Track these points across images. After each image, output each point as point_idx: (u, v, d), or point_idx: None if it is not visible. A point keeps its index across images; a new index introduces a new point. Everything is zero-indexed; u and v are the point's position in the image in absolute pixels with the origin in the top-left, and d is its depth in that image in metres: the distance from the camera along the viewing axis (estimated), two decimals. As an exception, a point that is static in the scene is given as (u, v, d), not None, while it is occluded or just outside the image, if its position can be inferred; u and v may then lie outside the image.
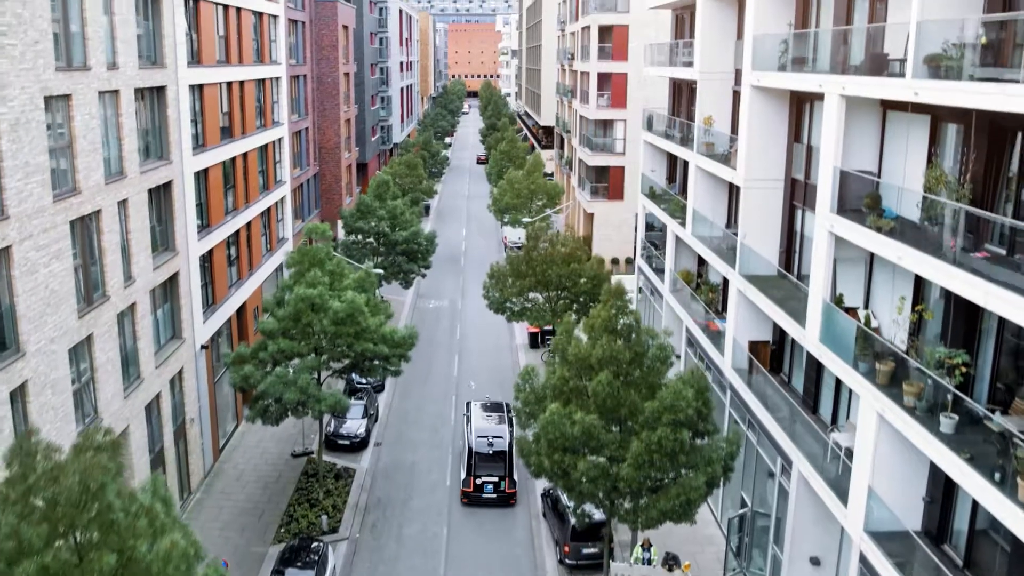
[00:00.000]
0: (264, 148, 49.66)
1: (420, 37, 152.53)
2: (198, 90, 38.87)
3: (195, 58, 38.64)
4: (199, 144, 39.12)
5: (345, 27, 67.40)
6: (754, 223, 32.47)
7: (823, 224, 25.19)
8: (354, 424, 43.03)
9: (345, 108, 67.70)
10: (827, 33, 26.86)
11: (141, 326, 32.41)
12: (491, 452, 39.17)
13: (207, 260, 40.14)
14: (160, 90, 34.49)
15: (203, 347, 39.03)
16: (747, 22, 31.78)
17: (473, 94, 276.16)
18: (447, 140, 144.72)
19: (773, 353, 33.16)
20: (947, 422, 19.44)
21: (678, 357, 44.34)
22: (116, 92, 30.14)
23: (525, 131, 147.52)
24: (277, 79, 52.56)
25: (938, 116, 22.11)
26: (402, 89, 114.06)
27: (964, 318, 20.57)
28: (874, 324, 25.27)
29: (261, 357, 34.71)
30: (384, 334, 35.59)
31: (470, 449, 39.47)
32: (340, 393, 34.81)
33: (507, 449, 39.15)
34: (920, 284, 22.88)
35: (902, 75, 22.01)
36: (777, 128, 31.41)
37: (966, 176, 20.36)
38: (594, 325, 27.11)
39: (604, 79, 68.32)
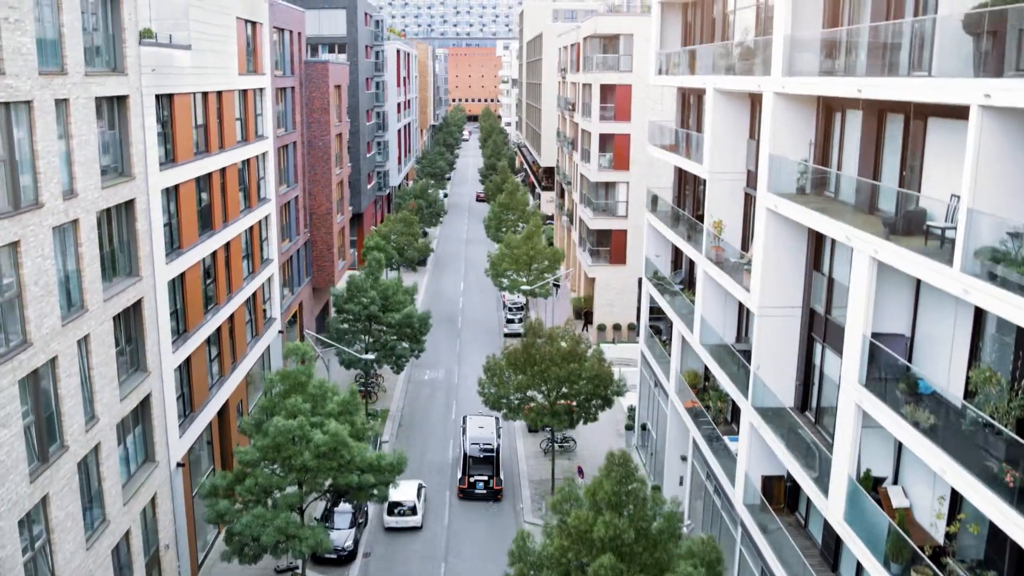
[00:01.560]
0: (250, 229, 47.23)
1: (419, 70, 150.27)
2: (173, 191, 36.45)
3: (169, 157, 36.23)
4: (175, 248, 36.70)
5: (337, 86, 65.01)
6: (768, 352, 30.04)
7: (850, 396, 22.72)
8: (341, 536, 40.42)
9: (338, 170, 65.24)
10: (852, 180, 24.46)
11: (106, 466, 29.92)
12: (482, 456, 46.84)
13: (185, 367, 37.68)
14: (128, 203, 32.04)
15: (179, 464, 36.52)
16: (763, 136, 29.32)
17: (473, 118, 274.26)
18: (447, 176, 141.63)
19: (789, 490, 30.67)
20: (1001, 671, 16.92)
21: (684, 458, 41.91)
22: (75, 222, 27.69)
23: (526, 168, 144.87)
24: (264, 154, 50.14)
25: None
26: (399, 131, 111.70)
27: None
28: (905, 503, 22.77)
29: (238, 491, 32.18)
30: (370, 461, 33.07)
31: (465, 454, 47.27)
32: (321, 531, 32.33)
33: (495, 454, 46.95)
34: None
35: (942, 240, 19.65)
36: (795, 255, 28.98)
37: (1021, 383, 17.84)
38: (595, 493, 24.58)
39: (606, 139, 65.94)
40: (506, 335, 71.60)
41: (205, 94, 40.15)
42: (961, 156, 19.67)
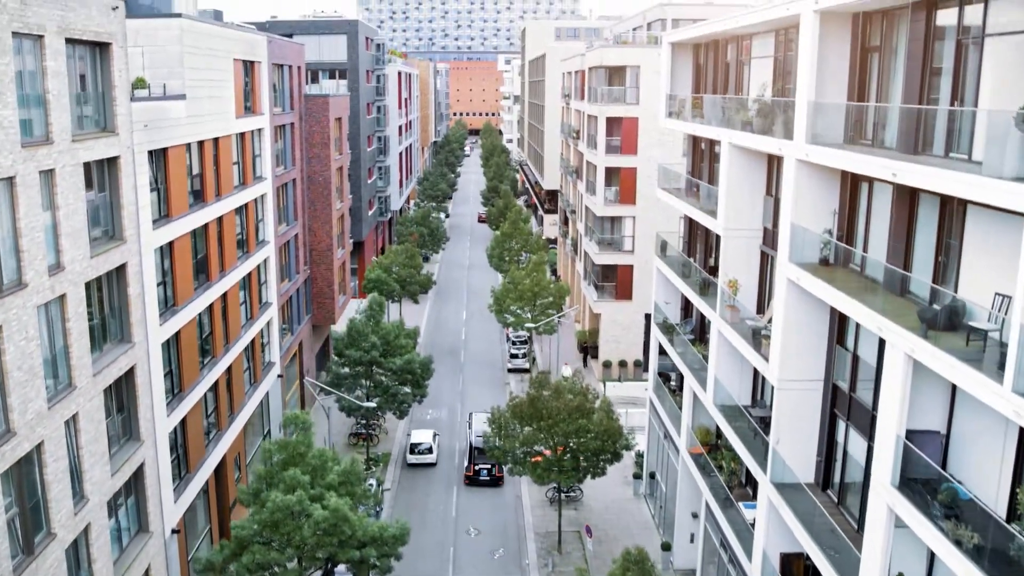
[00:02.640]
0: (248, 275, 45.89)
1: (420, 88, 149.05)
2: (167, 248, 35.13)
3: (163, 212, 34.93)
4: (169, 307, 35.37)
5: (338, 119, 63.74)
6: (788, 425, 28.69)
7: (882, 497, 21.33)
8: (341, 599, 39.09)
9: (338, 204, 63.95)
10: (880, 266, 23.13)
11: (97, 547, 28.56)
12: (486, 447, 47.96)
13: (180, 429, 36.33)
14: (120, 268, 30.68)
15: (175, 531, 35.16)
16: (784, 202, 27.99)
17: (475, 131, 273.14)
18: (449, 196, 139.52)
19: (809, 569, 29.26)
20: None
21: (695, 515, 40.55)
22: (62, 297, 26.35)
23: (528, 189, 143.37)
24: (262, 196, 48.84)
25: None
26: (401, 154, 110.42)
27: None
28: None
29: (235, 568, 30.80)
30: (372, 534, 31.69)
31: (471, 445, 52.77)
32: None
33: None
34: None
35: (985, 342, 18.32)
36: (817, 327, 27.67)
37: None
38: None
39: (612, 172, 64.61)
40: (510, 370, 70.22)
41: (201, 143, 38.82)
42: (1005, 249, 18.48)
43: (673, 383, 45.87)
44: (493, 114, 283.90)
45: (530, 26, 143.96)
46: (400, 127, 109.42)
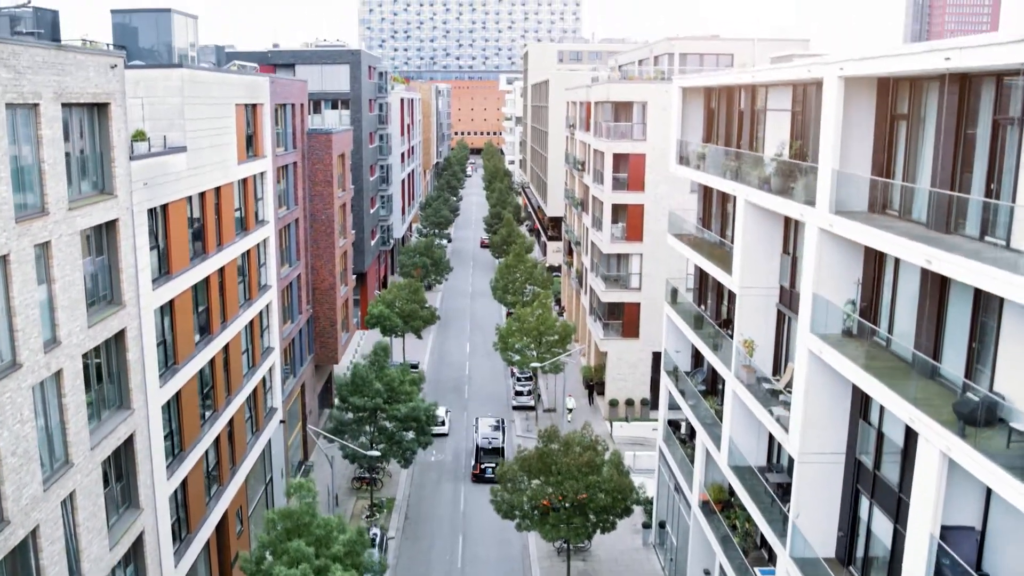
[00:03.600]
0: (250, 323, 44.93)
1: (423, 111, 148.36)
2: (167, 307, 34.20)
3: (163, 269, 34.01)
4: (170, 366, 34.43)
5: (341, 155, 62.90)
6: (809, 499, 27.71)
7: (917, 597, 20.34)
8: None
9: (341, 240, 63.08)
10: (907, 343, 22.18)
11: (91, 626, 27.53)
12: (490, 448, 57.48)
13: (181, 490, 35.34)
14: (118, 334, 29.74)
15: (173, 597, 34.15)
16: (805, 271, 27.05)
17: (476, 151, 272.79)
18: (452, 216, 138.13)
19: (833, 647, 28.21)
20: None
21: (707, 573, 39.53)
22: (58, 373, 25.40)
23: (530, 213, 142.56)
24: (265, 240, 47.90)
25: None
26: (403, 180, 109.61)
27: None
28: None
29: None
30: (378, 606, 30.69)
31: (477, 446, 58.30)
32: None
33: (501, 447, 58.01)
34: None
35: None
36: (839, 400, 26.77)
37: None
38: None
39: (619, 209, 63.71)
40: (515, 407, 69.26)
41: (202, 193, 37.93)
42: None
43: (683, 432, 44.95)
44: (495, 133, 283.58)
45: (532, 48, 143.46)
46: (403, 154, 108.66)
